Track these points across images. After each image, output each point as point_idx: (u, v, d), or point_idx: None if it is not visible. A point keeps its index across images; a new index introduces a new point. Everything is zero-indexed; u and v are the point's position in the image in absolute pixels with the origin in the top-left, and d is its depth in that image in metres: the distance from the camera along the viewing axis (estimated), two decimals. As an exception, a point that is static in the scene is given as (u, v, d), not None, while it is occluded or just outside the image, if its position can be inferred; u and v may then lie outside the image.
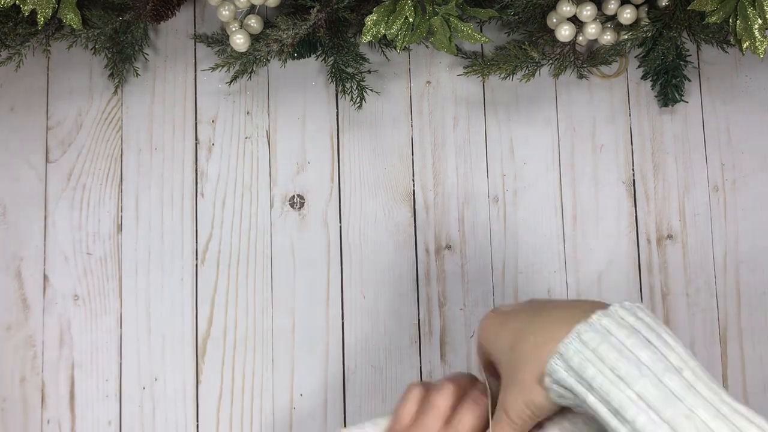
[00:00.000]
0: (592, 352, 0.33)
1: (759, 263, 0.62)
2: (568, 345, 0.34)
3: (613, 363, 0.33)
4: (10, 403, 0.59)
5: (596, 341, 0.34)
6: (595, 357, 0.33)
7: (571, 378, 0.34)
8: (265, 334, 0.60)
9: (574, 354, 0.34)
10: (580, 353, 0.34)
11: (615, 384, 0.32)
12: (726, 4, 0.52)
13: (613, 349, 0.33)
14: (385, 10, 0.52)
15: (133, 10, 0.59)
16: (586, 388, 0.33)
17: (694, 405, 0.31)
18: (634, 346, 0.33)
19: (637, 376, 0.32)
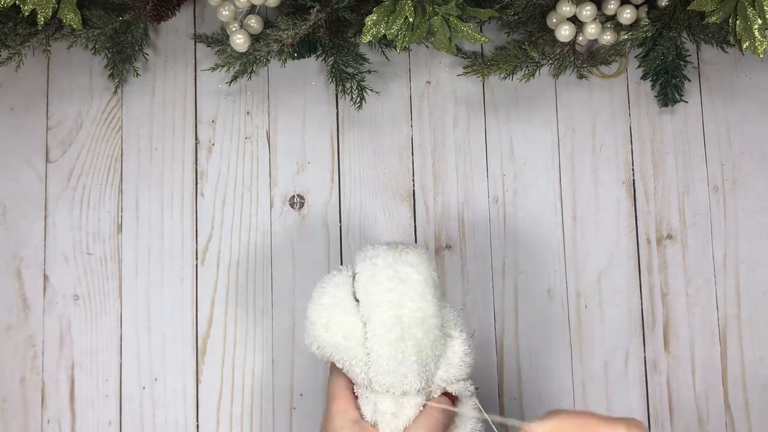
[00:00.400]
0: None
1: (759, 263, 0.62)
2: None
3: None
4: (10, 403, 0.59)
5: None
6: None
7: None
8: (265, 334, 0.60)
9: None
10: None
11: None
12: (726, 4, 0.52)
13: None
14: (385, 10, 0.52)
15: (133, 10, 0.59)
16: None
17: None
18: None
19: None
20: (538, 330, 0.61)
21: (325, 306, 0.45)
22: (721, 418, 0.61)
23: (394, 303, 0.44)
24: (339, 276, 0.46)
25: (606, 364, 0.61)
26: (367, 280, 0.45)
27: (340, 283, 0.46)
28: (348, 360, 0.45)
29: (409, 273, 0.45)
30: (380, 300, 0.44)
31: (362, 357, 0.45)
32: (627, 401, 0.60)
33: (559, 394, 0.60)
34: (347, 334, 0.45)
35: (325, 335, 0.45)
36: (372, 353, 0.44)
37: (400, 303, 0.45)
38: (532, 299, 0.61)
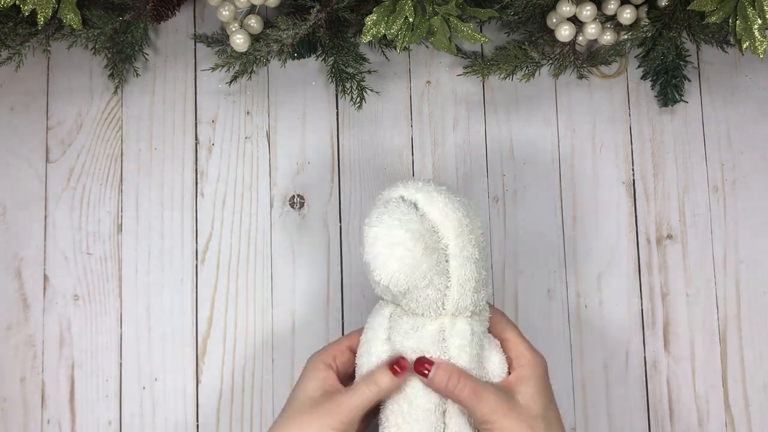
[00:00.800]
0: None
1: (759, 263, 0.62)
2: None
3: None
4: (10, 403, 0.59)
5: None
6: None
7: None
8: (266, 334, 0.60)
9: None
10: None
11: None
12: (726, 4, 0.52)
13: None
14: (385, 10, 0.52)
15: (133, 10, 0.59)
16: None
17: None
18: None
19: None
20: (538, 330, 0.61)
21: (418, 231, 0.44)
22: (721, 418, 0.61)
23: (469, 228, 0.46)
24: (404, 205, 0.46)
25: (606, 364, 0.61)
26: (444, 204, 0.46)
27: (410, 211, 0.45)
28: (427, 285, 0.45)
29: (469, 203, 0.48)
30: (460, 223, 0.45)
31: (440, 281, 0.45)
32: (627, 401, 0.60)
33: (559, 394, 0.60)
34: (438, 259, 0.45)
35: (422, 260, 0.44)
36: (457, 275, 0.45)
37: (472, 227, 0.47)
38: (532, 299, 0.61)
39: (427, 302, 0.46)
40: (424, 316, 0.47)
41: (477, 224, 0.47)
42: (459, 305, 0.46)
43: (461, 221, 0.46)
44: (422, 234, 0.44)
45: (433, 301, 0.46)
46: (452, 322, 0.47)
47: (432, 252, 0.45)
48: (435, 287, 0.45)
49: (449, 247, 0.45)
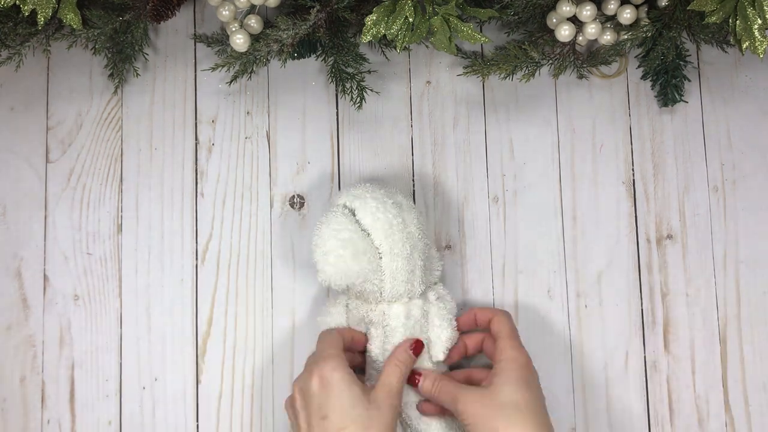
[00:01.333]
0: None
1: (759, 263, 0.62)
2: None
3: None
4: (10, 403, 0.59)
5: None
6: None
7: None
8: (265, 334, 0.60)
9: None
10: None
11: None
12: (726, 4, 0.52)
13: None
14: (385, 10, 0.52)
15: (133, 10, 0.59)
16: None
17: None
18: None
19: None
20: (538, 330, 0.61)
21: (349, 239, 0.52)
22: (721, 418, 0.61)
23: (400, 227, 0.53)
24: (341, 215, 0.53)
25: (606, 364, 0.61)
26: (376, 209, 0.53)
27: (345, 220, 0.53)
28: (363, 281, 0.53)
29: (404, 201, 0.56)
30: (391, 224, 0.53)
31: (375, 276, 0.53)
32: (627, 401, 0.60)
33: (559, 394, 0.60)
34: (369, 259, 0.52)
35: (352, 264, 0.52)
36: (389, 270, 0.53)
37: (405, 223, 0.54)
38: (532, 299, 0.61)
39: (366, 294, 0.54)
40: (369, 302, 0.55)
41: (412, 221, 0.55)
42: (393, 293, 0.54)
43: (391, 222, 0.53)
44: (353, 241, 0.52)
45: (371, 292, 0.54)
46: (389, 307, 0.55)
47: (362, 254, 0.52)
48: (371, 282, 0.53)
49: (381, 247, 0.53)
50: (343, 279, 0.52)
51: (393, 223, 0.53)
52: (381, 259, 0.53)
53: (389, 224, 0.53)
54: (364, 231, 0.53)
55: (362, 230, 0.53)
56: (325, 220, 0.53)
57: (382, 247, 0.53)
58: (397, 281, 0.53)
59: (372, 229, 0.53)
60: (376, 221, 0.53)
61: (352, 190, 0.55)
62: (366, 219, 0.53)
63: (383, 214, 0.53)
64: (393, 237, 0.53)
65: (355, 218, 0.54)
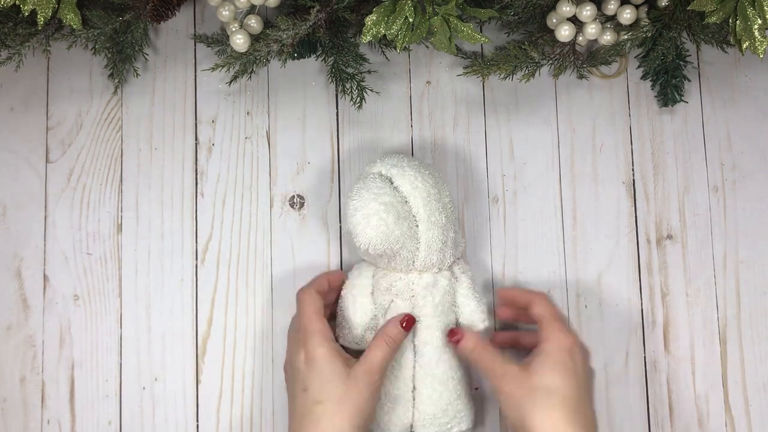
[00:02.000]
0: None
1: (759, 263, 0.62)
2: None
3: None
4: (10, 403, 0.59)
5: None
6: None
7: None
8: (265, 334, 0.60)
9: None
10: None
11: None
12: (726, 4, 0.52)
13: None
14: (385, 10, 0.52)
15: (133, 10, 0.59)
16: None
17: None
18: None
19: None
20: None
21: (390, 203, 0.52)
22: (721, 418, 0.61)
23: (437, 197, 0.54)
24: (380, 180, 0.54)
25: (606, 364, 0.61)
26: (414, 178, 0.54)
27: (385, 185, 0.53)
28: (400, 247, 0.53)
29: (435, 173, 0.57)
30: (428, 193, 0.53)
31: (411, 243, 0.53)
32: (627, 401, 0.60)
33: (559, 394, 0.60)
34: (409, 225, 0.53)
35: (394, 228, 0.51)
36: (425, 238, 0.53)
37: (440, 196, 0.55)
38: (532, 299, 0.61)
39: (400, 261, 0.54)
40: (397, 271, 0.55)
41: (445, 192, 0.56)
42: (426, 263, 0.54)
43: (429, 191, 0.54)
44: (394, 205, 0.52)
45: (404, 259, 0.54)
46: (420, 276, 0.55)
47: (404, 220, 0.52)
48: (407, 249, 0.53)
49: (418, 215, 0.53)
50: (383, 243, 0.51)
51: (430, 192, 0.54)
52: (417, 227, 0.53)
53: (427, 193, 0.53)
54: (403, 198, 0.53)
55: (401, 197, 0.53)
56: (363, 186, 0.53)
57: (420, 215, 0.53)
58: (432, 250, 0.54)
59: (411, 196, 0.53)
60: (415, 189, 0.53)
61: (387, 159, 0.55)
62: (405, 186, 0.53)
63: (421, 182, 0.53)
64: (430, 206, 0.53)
65: (393, 185, 0.54)
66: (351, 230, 0.53)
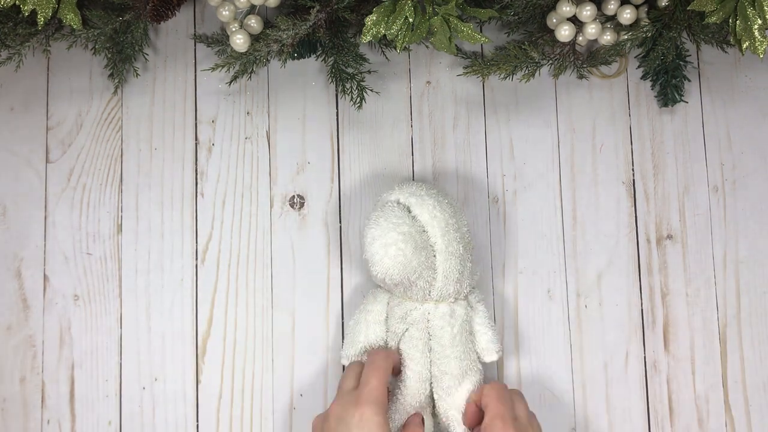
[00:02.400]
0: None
1: (759, 263, 0.62)
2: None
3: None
4: (10, 404, 0.59)
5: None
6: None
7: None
8: (265, 334, 0.60)
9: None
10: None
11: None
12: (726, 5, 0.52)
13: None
14: (385, 10, 0.52)
15: (133, 10, 0.59)
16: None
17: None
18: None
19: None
20: (538, 330, 0.61)
21: (409, 233, 0.51)
22: (721, 418, 0.61)
23: (455, 226, 0.54)
24: (398, 209, 0.53)
25: (606, 364, 0.61)
26: (433, 207, 0.53)
27: (404, 215, 0.53)
28: (417, 277, 0.52)
29: (454, 202, 0.56)
30: (447, 223, 0.53)
31: (428, 273, 0.53)
32: (627, 401, 0.60)
33: (559, 394, 0.60)
34: (426, 255, 0.52)
35: (412, 258, 0.51)
36: (442, 268, 0.53)
37: (458, 226, 0.54)
38: (532, 299, 0.61)
39: (416, 291, 0.54)
40: (413, 300, 0.55)
41: (463, 222, 0.55)
42: (442, 293, 0.54)
43: (447, 222, 0.53)
44: (413, 235, 0.52)
45: (421, 289, 0.54)
46: (436, 306, 0.55)
47: (421, 250, 0.52)
48: (424, 279, 0.53)
49: (436, 245, 0.53)
50: (401, 273, 0.51)
51: (449, 222, 0.53)
52: (435, 257, 0.53)
53: (446, 223, 0.53)
54: (421, 227, 0.53)
55: (419, 226, 0.53)
56: (381, 214, 0.53)
57: (438, 245, 0.53)
58: (449, 280, 0.53)
59: (429, 226, 0.53)
60: (434, 219, 0.53)
61: (405, 187, 0.55)
62: (423, 216, 0.53)
63: (440, 212, 0.53)
64: (448, 236, 0.53)
65: (411, 214, 0.53)
66: (368, 259, 0.52)
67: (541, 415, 0.60)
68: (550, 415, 0.60)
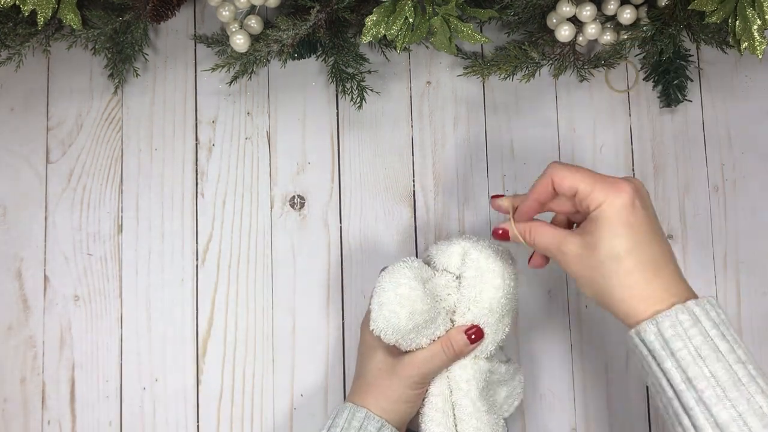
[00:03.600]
0: (684, 330, 0.42)
1: (759, 263, 0.62)
2: (665, 317, 0.42)
3: (698, 344, 0.41)
4: (10, 404, 0.59)
5: (688, 323, 0.42)
6: (685, 335, 0.41)
7: (657, 342, 0.42)
8: (266, 335, 0.60)
9: (669, 327, 0.42)
10: (673, 328, 0.42)
11: (695, 360, 0.41)
12: (725, 5, 0.52)
13: (699, 334, 0.41)
14: (385, 10, 0.52)
15: (133, 11, 0.59)
16: (668, 354, 0.42)
17: (755, 392, 0.40)
18: (715, 336, 0.42)
19: (714, 360, 0.41)
20: (538, 330, 0.61)
21: (405, 296, 0.48)
22: (721, 417, 0.61)
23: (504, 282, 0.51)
24: (407, 268, 0.50)
25: (606, 364, 0.61)
26: (480, 260, 0.51)
27: (410, 274, 0.49)
28: (419, 340, 0.50)
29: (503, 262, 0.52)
30: (494, 275, 0.51)
31: (438, 331, 0.50)
32: (627, 401, 0.60)
33: (560, 394, 0.60)
34: (428, 318, 0.49)
35: (405, 322, 0.48)
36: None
37: (507, 281, 0.51)
38: (532, 299, 0.61)
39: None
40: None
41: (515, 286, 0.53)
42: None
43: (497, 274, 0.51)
44: (411, 299, 0.48)
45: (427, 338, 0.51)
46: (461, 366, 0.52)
47: (419, 315, 0.48)
48: (428, 337, 0.50)
49: (475, 298, 0.51)
50: (392, 336, 0.49)
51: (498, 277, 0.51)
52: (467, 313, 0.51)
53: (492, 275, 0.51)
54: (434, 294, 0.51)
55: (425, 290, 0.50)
56: (390, 270, 0.50)
57: (475, 298, 0.50)
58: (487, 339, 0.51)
59: (468, 278, 0.51)
60: (479, 270, 0.51)
61: (466, 240, 0.53)
62: (470, 267, 0.51)
63: (490, 267, 0.51)
64: (491, 293, 0.51)
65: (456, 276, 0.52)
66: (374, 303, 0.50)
67: (541, 415, 0.60)
68: (550, 415, 0.60)
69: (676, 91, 0.61)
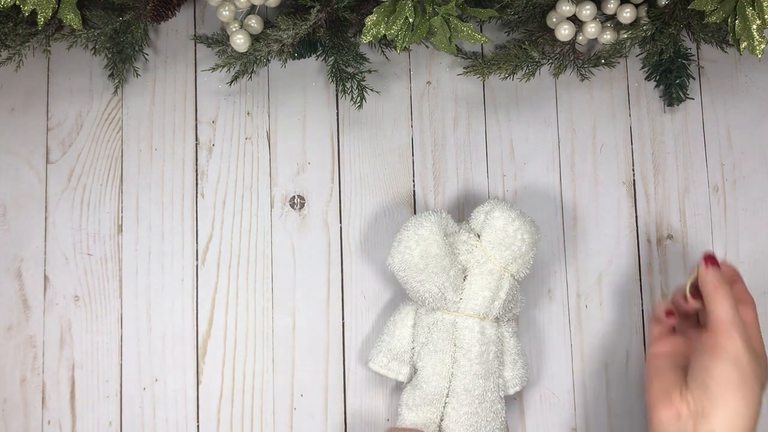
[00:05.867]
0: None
1: (759, 263, 0.62)
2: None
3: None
4: (10, 404, 0.59)
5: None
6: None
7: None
8: (266, 335, 0.60)
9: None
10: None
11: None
12: (725, 4, 0.52)
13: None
14: (385, 10, 0.52)
15: (133, 11, 0.59)
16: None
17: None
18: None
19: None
20: (538, 330, 0.61)
21: (423, 237, 0.52)
22: (721, 417, 0.61)
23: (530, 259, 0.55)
24: (434, 214, 0.54)
25: (606, 365, 0.61)
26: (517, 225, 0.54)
27: (434, 220, 0.53)
28: (428, 285, 0.52)
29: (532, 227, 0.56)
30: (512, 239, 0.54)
31: (449, 282, 0.53)
32: (627, 401, 0.60)
33: (560, 394, 0.60)
34: (441, 267, 0.52)
35: (417, 260, 0.51)
36: (477, 283, 0.54)
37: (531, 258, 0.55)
38: (532, 299, 0.61)
39: (430, 300, 0.54)
40: (437, 309, 0.54)
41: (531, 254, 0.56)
42: (469, 308, 0.54)
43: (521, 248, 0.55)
44: (429, 243, 0.52)
45: (436, 299, 0.53)
46: (464, 320, 0.54)
47: (433, 258, 0.52)
48: (439, 286, 0.53)
49: (487, 252, 0.54)
50: (405, 271, 0.53)
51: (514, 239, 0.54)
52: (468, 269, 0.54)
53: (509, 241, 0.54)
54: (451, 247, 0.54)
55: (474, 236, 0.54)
56: (417, 215, 0.54)
57: (487, 252, 0.53)
58: (478, 297, 0.54)
59: (486, 239, 0.54)
60: (497, 232, 0.54)
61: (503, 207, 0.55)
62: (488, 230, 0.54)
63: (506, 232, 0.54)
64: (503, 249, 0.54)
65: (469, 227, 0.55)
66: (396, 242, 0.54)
67: (541, 416, 0.60)
68: (550, 415, 0.60)
69: (679, 90, 0.61)
